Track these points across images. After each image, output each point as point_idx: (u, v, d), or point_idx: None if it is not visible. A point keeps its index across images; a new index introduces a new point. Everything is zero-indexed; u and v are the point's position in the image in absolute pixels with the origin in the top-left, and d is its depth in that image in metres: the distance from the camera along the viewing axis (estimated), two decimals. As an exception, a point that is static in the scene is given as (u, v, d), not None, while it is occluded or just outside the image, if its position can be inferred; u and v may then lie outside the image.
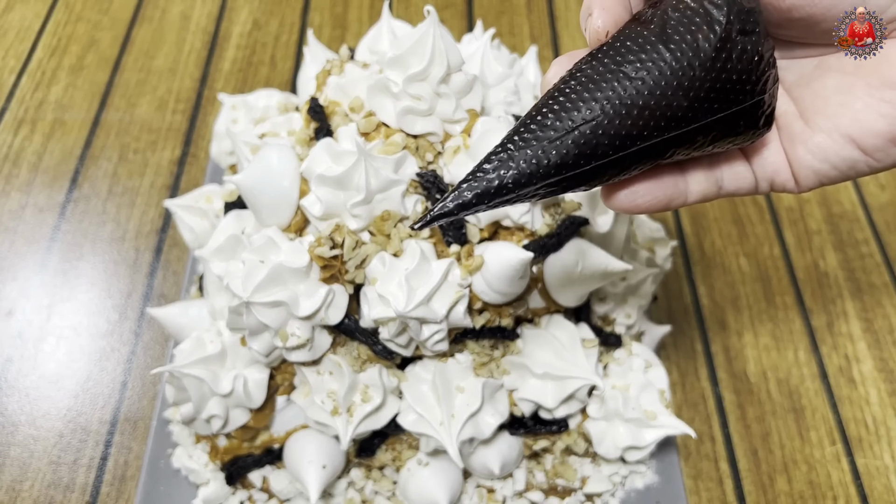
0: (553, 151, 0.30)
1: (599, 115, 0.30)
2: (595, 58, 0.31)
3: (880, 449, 0.61)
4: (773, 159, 0.35)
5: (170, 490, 0.54)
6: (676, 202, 0.34)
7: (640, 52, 0.30)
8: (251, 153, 0.52)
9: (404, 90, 0.47)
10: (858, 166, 0.33)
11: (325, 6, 0.92)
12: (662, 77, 0.30)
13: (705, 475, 0.59)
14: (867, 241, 0.73)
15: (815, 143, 0.33)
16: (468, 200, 0.31)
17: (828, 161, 0.33)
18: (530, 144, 0.30)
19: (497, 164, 0.31)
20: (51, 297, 0.67)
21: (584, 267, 0.50)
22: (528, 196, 0.31)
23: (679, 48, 0.30)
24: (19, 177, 0.75)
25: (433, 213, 0.31)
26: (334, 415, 0.50)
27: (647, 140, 0.30)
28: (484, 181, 0.31)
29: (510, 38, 0.89)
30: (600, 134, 0.30)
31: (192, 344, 0.51)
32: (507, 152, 0.31)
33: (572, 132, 0.30)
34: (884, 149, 0.32)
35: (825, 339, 0.67)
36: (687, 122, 0.31)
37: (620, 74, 0.30)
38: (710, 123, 0.31)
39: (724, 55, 0.30)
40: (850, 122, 0.32)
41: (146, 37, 0.87)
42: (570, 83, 0.31)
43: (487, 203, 0.31)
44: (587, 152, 0.30)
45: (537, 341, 0.52)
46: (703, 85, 0.30)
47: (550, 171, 0.30)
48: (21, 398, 0.62)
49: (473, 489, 0.55)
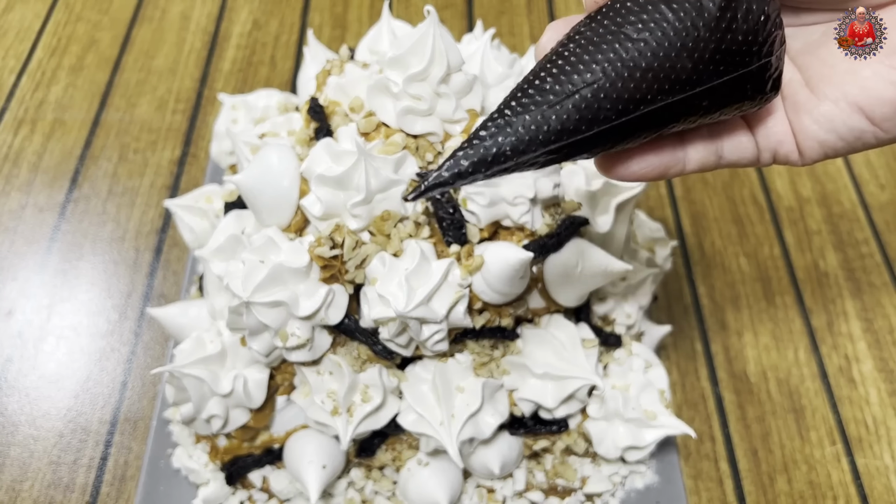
0: (553, 116, 0.29)
1: (601, 78, 0.28)
2: (594, 20, 0.30)
3: (880, 449, 0.61)
4: (777, 129, 0.33)
5: (170, 490, 0.54)
6: (674, 170, 0.33)
7: (641, 12, 0.29)
8: (251, 153, 0.52)
9: (404, 90, 0.47)
10: (865, 137, 0.32)
11: (325, 6, 0.92)
12: (665, 38, 0.29)
13: (705, 475, 0.59)
14: (867, 241, 0.73)
15: (822, 113, 0.32)
16: (464, 169, 0.29)
17: (834, 131, 0.32)
18: (528, 109, 0.29)
19: (494, 131, 0.29)
20: (51, 297, 0.67)
21: (584, 267, 0.50)
22: (527, 164, 0.29)
23: (682, 8, 0.29)
24: (19, 177, 0.75)
25: (428, 183, 0.29)
26: (334, 415, 0.50)
27: (651, 104, 0.29)
28: (481, 148, 0.29)
29: (510, 38, 0.89)
30: (602, 98, 0.28)
31: (192, 344, 0.51)
32: (505, 118, 0.29)
33: (573, 96, 0.29)
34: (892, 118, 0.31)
35: (825, 339, 0.67)
36: (692, 86, 0.29)
37: (622, 36, 0.29)
38: (716, 87, 0.30)
39: (728, 14, 0.29)
40: (858, 91, 0.31)
41: (146, 37, 0.87)
42: (568, 46, 0.29)
43: (485, 172, 0.29)
44: (588, 117, 0.29)
45: (537, 341, 0.52)
46: (708, 46, 0.29)
47: (550, 137, 0.29)
48: (21, 398, 0.62)
49: (473, 489, 0.55)
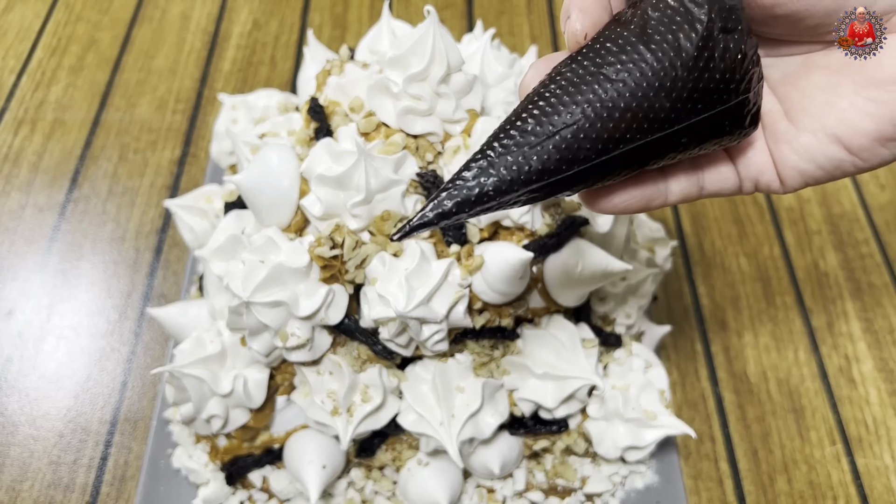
0: (534, 157, 0.29)
1: (581, 119, 0.29)
2: (575, 60, 0.30)
3: (880, 449, 0.61)
4: (757, 159, 0.34)
5: (170, 490, 0.54)
6: (656, 203, 0.33)
7: (620, 53, 0.29)
8: (251, 153, 0.52)
9: (404, 90, 0.47)
10: (844, 166, 0.32)
11: (325, 6, 0.92)
12: (644, 78, 0.29)
13: (705, 475, 0.59)
14: (867, 241, 0.73)
15: (801, 143, 0.33)
16: (448, 209, 0.30)
17: (813, 161, 0.33)
18: (510, 150, 0.29)
19: (477, 172, 0.30)
20: (51, 297, 0.67)
21: (584, 267, 0.50)
22: (509, 203, 0.30)
23: (660, 48, 0.29)
24: (19, 177, 0.75)
25: (413, 224, 0.30)
26: (334, 415, 0.50)
27: (631, 143, 0.30)
28: (464, 189, 0.30)
29: (510, 38, 0.89)
30: (582, 138, 0.29)
31: (192, 344, 0.51)
32: (487, 159, 0.30)
33: (553, 137, 0.29)
34: (870, 148, 0.32)
35: (825, 339, 0.67)
36: (671, 124, 0.30)
37: (601, 77, 0.29)
38: (695, 124, 0.30)
39: (706, 54, 0.30)
40: (835, 122, 0.32)
41: (146, 37, 0.87)
42: (549, 87, 0.30)
43: (468, 211, 0.30)
44: (569, 157, 0.29)
45: (537, 341, 0.52)
46: (686, 85, 0.30)
47: (532, 178, 0.29)
48: (21, 398, 0.62)
49: (473, 489, 0.55)
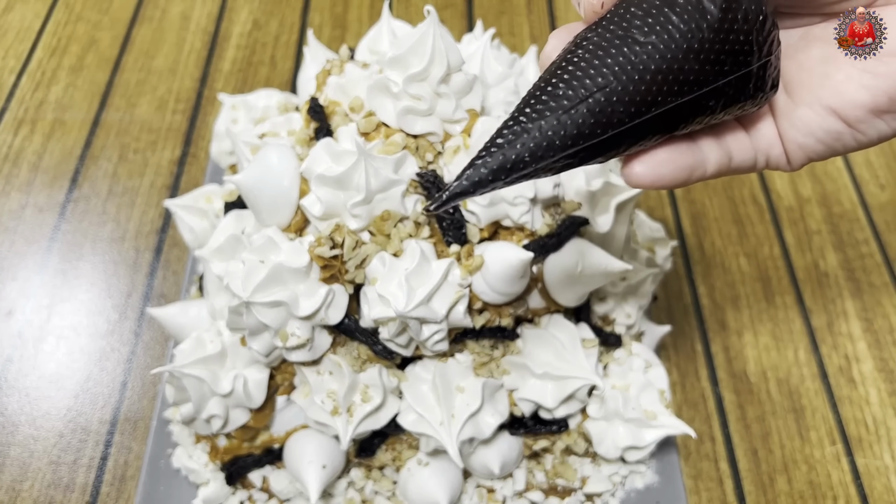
0: (568, 121, 0.29)
1: (612, 82, 0.29)
2: (600, 26, 0.30)
3: (880, 449, 0.61)
4: (766, 132, 0.34)
5: (170, 490, 0.54)
6: (697, 173, 0.33)
7: (646, 17, 0.30)
8: (251, 153, 0.52)
9: (404, 90, 0.47)
10: (844, 139, 0.32)
11: (325, 6, 0.92)
12: (672, 41, 0.29)
13: (705, 475, 0.59)
14: (867, 241, 0.73)
15: (798, 117, 0.33)
16: (484, 177, 0.29)
17: (812, 135, 0.33)
18: (544, 115, 0.29)
19: (511, 138, 0.29)
20: (51, 297, 0.67)
21: (584, 267, 0.50)
22: (544, 170, 0.30)
23: (685, 11, 0.30)
24: (19, 177, 0.75)
25: (449, 193, 0.30)
26: (334, 415, 0.50)
27: (662, 105, 0.30)
28: (500, 156, 0.29)
29: (510, 38, 0.89)
30: (615, 101, 0.29)
31: (192, 344, 0.51)
32: (521, 125, 0.29)
33: (586, 100, 0.29)
34: (866, 120, 0.31)
35: (825, 339, 0.67)
36: (700, 86, 0.30)
37: (629, 40, 0.29)
38: (722, 86, 0.31)
39: (730, 16, 0.30)
40: (831, 94, 0.32)
41: (146, 37, 0.87)
42: (577, 52, 0.30)
43: (504, 179, 0.30)
44: (603, 120, 0.29)
45: (537, 341, 0.52)
46: (713, 46, 0.30)
47: (567, 142, 0.29)
48: (21, 398, 0.62)
49: (473, 489, 0.55)
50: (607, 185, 0.52)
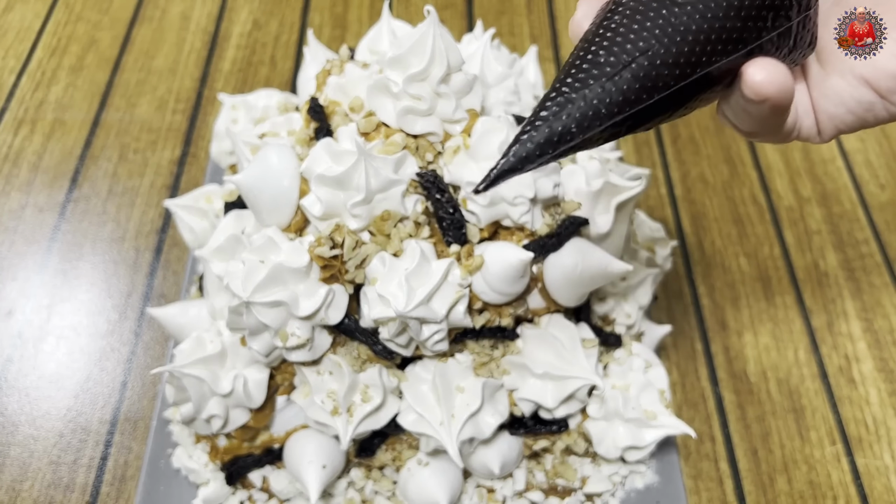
0: (613, 88, 0.28)
1: (654, 45, 0.29)
2: None
3: (880, 449, 0.61)
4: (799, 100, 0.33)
5: (170, 490, 0.54)
6: None
7: None
8: (251, 153, 0.52)
9: (404, 90, 0.47)
10: (876, 109, 0.32)
11: (325, 6, 0.92)
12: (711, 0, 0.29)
13: (705, 475, 0.59)
14: (867, 241, 0.73)
15: (830, 86, 0.32)
16: (531, 152, 0.28)
17: (843, 104, 0.32)
18: (587, 84, 0.29)
19: (556, 109, 0.29)
20: (51, 297, 0.67)
21: (584, 267, 0.50)
22: (592, 141, 0.29)
23: None
24: (19, 177, 0.75)
25: (497, 171, 0.29)
26: (334, 415, 0.50)
27: (707, 66, 0.29)
28: (546, 128, 0.28)
29: (510, 38, 0.89)
30: (658, 64, 0.29)
31: (192, 344, 0.51)
32: (564, 95, 0.29)
33: (630, 65, 0.29)
34: None
35: (825, 339, 0.67)
36: (743, 44, 0.30)
37: (668, 1, 0.29)
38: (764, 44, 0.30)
39: None
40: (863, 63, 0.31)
41: (146, 37, 0.87)
42: (613, 18, 0.30)
43: (552, 152, 0.29)
44: (648, 85, 0.29)
45: (537, 341, 0.52)
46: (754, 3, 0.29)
47: (614, 109, 0.29)
48: (21, 398, 0.62)
49: (473, 489, 0.55)
50: (607, 184, 0.52)
